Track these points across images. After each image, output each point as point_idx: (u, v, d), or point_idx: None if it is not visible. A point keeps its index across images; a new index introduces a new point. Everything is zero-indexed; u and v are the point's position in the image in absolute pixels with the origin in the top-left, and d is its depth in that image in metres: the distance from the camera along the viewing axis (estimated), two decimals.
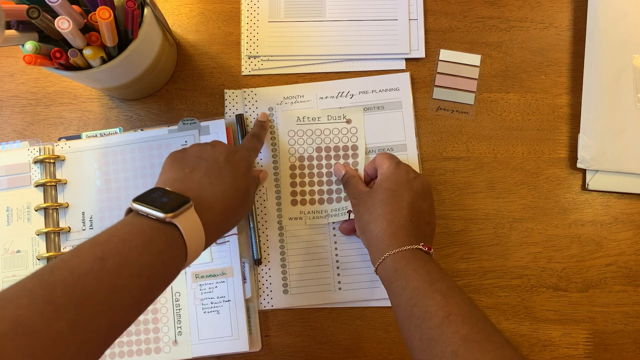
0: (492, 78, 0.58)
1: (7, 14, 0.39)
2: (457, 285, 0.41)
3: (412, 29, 0.58)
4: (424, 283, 0.40)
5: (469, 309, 0.38)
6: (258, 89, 0.57)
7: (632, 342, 0.53)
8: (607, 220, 0.55)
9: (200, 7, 0.59)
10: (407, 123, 0.56)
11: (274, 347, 0.53)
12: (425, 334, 0.38)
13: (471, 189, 0.56)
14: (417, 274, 0.41)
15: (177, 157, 0.44)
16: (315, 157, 0.56)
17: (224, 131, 0.54)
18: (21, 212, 0.53)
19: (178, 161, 0.43)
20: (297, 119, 0.56)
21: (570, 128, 0.57)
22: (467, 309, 0.38)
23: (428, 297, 0.39)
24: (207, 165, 0.43)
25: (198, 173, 0.42)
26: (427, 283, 0.40)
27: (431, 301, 0.39)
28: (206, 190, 0.40)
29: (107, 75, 0.47)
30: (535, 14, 0.59)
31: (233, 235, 0.53)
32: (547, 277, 0.54)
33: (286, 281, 0.54)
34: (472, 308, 0.39)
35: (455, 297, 0.39)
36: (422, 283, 0.40)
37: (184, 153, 0.45)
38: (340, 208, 0.54)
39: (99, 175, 0.54)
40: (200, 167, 0.42)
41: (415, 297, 0.40)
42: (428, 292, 0.39)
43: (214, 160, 0.43)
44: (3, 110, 0.57)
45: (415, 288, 0.40)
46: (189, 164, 0.43)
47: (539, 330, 0.53)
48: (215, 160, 0.43)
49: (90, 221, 0.53)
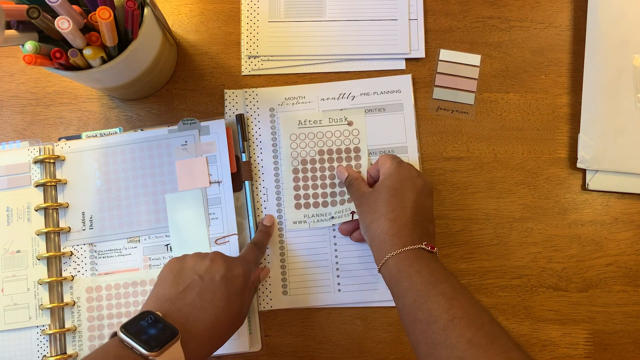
0: (492, 78, 0.58)
1: (7, 14, 0.39)
2: (462, 286, 0.40)
3: (412, 29, 0.58)
4: (427, 285, 0.40)
5: (474, 310, 0.38)
6: (259, 89, 0.57)
7: (632, 342, 0.53)
8: (607, 220, 0.55)
9: (200, 7, 0.59)
10: (408, 125, 0.56)
11: (274, 347, 0.53)
12: (430, 339, 0.37)
13: (471, 189, 0.56)
14: (420, 275, 0.41)
15: (173, 268, 0.44)
16: (318, 160, 0.56)
17: (224, 131, 0.54)
18: (21, 212, 0.53)
19: (174, 274, 0.44)
20: (298, 122, 0.56)
21: (570, 128, 0.57)
22: (472, 311, 0.38)
23: (432, 300, 0.39)
24: (201, 285, 0.43)
25: (191, 293, 0.42)
26: (430, 285, 0.40)
27: (435, 304, 0.38)
28: (196, 315, 0.41)
29: (107, 75, 0.47)
30: (535, 14, 0.59)
31: (233, 236, 0.53)
32: (547, 277, 0.54)
33: (285, 282, 0.54)
34: (477, 310, 0.38)
35: (460, 299, 0.38)
36: (425, 285, 0.40)
37: (182, 264, 0.45)
38: (344, 210, 0.54)
39: (99, 175, 0.54)
40: (195, 286, 0.42)
41: (419, 300, 0.39)
42: (432, 294, 0.39)
43: (210, 279, 0.43)
44: (3, 110, 0.57)
45: (418, 291, 0.40)
46: (184, 280, 0.43)
47: (539, 330, 0.53)
48: (211, 280, 0.43)
49: (90, 221, 0.53)
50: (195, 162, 0.54)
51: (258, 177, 0.55)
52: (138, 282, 0.52)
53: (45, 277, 0.52)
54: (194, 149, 0.54)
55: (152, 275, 0.53)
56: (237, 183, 0.55)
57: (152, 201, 0.53)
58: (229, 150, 0.54)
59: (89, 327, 0.52)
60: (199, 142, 0.54)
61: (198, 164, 0.54)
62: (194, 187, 0.54)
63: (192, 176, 0.54)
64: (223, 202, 0.53)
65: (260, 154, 0.56)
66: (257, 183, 0.55)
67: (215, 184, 0.54)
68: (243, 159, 0.55)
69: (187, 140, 0.54)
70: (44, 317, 0.51)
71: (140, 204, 0.54)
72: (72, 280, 0.52)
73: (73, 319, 0.52)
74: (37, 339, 0.51)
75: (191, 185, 0.54)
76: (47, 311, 0.51)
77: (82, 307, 0.52)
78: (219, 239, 0.53)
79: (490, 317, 0.38)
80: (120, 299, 0.52)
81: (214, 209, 0.53)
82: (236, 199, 0.54)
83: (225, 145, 0.54)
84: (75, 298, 0.52)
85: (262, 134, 0.56)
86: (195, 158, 0.54)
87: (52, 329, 0.51)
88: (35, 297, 0.52)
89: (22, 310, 0.51)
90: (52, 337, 0.51)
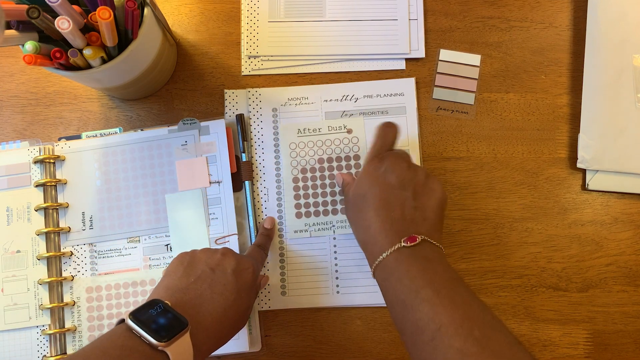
0: (492, 78, 0.58)
1: (7, 14, 0.39)
2: (446, 286, 0.37)
3: (412, 29, 0.58)
4: (409, 294, 0.37)
5: (460, 314, 0.35)
6: (262, 89, 0.57)
7: (632, 342, 0.53)
8: (607, 220, 0.55)
9: (200, 7, 0.59)
10: (410, 128, 0.56)
11: (274, 347, 0.53)
12: (421, 351, 0.36)
13: (471, 189, 0.56)
14: (401, 284, 0.38)
15: (184, 260, 0.43)
16: (318, 168, 0.56)
17: (224, 131, 0.54)
18: (21, 212, 0.53)
19: (185, 266, 0.43)
20: (297, 131, 0.56)
21: (570, 128, 0.57)
22: (459, 315, 0.35)
23: (415, 309, 0.36)
24: (212, 277, 0.42)
25: (202, 284, 0.41)
26: (412, 294, 0.37)
27: (419, 314, 0.36)
28: (206, 306, 0.40)
29: (107, 75, 0.47)
30: (535, 14, 0.59)
31: (233, 236, 0.53)
32: (547, 277, 0.54)
33: (284, 282, 0.54)
34: (464, 313, 0.35)
35: (444, 303, 0.36)
36: (407, 295, 0.37)
37: (192, 257, 0.44)
38: (346, 219, 0.54)
39: (98, 175, 0.54)
40: (205, 277, 0.42)
41: (404, 311, 0.37)
42: (415, 303, 0.37)
43: (221, 271, 0.42)
44: (3, 110, 0.57)
45: (401, 302, 0.38)
46: (195, 271, 0.42)
47: (539, 330, 0.53)
48: (223, 272, 0.42)
49: (90, 221, 0.53)
50: (195, 162, 0.54)
51: (259, 177, 0.55)
52: (138, 282, 0.52)
53: (45, 277, 0.52)
54: (194, 149, 0.54)
55: (152, 275, 0.53)
56: (237, 183, 0.54)
57: (152, 201, 0.53)
58: (229, 150, 0.54)
59: (89, 327, 0.52)
60: (199, 142, 0.54)
61: (198, 164, 0.54)
62: (194, 187, 0.54)
63: (192, 176, 0.54)
64: (223, 202, 0.53)
65: (262, 153, 0.56)
66: (257, 183, 0.55)
67: (215, 184, 0.54)
68: (243, 159, 0.55)
69: (187, 140, 0.54)
70: (44, 317, 0.51)
71: (140, 204, 0.54)
72: (72, 280, 0.52)
73: (73, 319, 0.52)
74: (37, 339, 0.51)
75: (191, 185, 0.54)
76: (47, 311, 0.51)
77: (82, 307, 0.52)
78: (219, 239, 0.53)
79: (480, 317, 0.36)
80: (120, 299, 0.52)
81: (214, 209, 0.53)
82: (236, 199, 0.54)
83: (225, 145, 0.54)
84: (75, 298, 0.52)
85: (264, 134, 0.56)
86: (195, 158, 0.54)
87: (52, 329, 0.51)
88: (35, 297, 0.52)
89: (22, 310, 0.52)
90: (52, 337, 0.51)
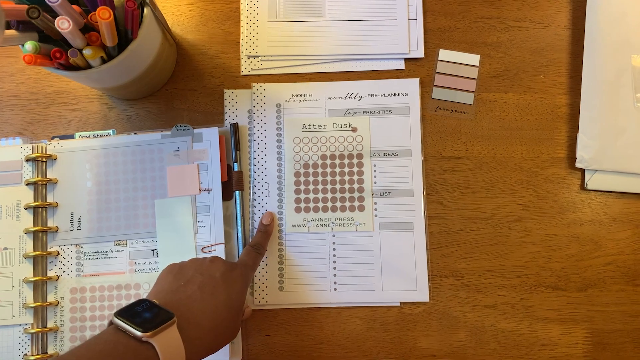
0: (491, 78, 0.58)
1: (7, 14, 0.39)
2: None
3: (411, 29, 0.58)
4: None
5: None
6: (267, 84, 0.57)
7: (630, 341, 0.53)
8: (606, 220, 0.55)
9: (200, 7, 0.59)
10: (413, 129, 0.56)
11: (274, 346, 0.53)
12: None
13: (470, 188, 0.56)
14: None
15: (173, 269, 0.44)
16: (320, 164, 0.56)
17: (217, 139, 0.54)
18: (10, 210, 0.53)
19: (173, 273, 0.43)
20: (302, 126, 0.56)
21: (569, 128, 0.57)
22: None
23: None
24: (201, 280, 0.42)
25: (192, 286, 0.42)
26: None
27: None
28: (197, 305, 0.40)
29: (107, 75, 0.47)
30: (534, 14, 0.59)
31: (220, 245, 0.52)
32: (546, 276, 0.54)
33: (282, 278, 0.54)
34: None
35: None
36: None
37: (180, 265, 0.45)
38: (345, 218, 0.54)
39: (89, 177, 0.54)
40: (195, 280, 0.42)
41: None
42: None
43: (209, 275, 0.43)
44: (3, 110, 0.57)
45: None
46: (184, 276, 0.43)
47: (538, 329, 0.53)
48: (211, 276, 0.43)
49: (78, 222, 0.53)
50: (187, 169, 0.54)
51: (259, 177, 0.55)
52: (123, 286, 0.52)
53: (30, 275, 0.52)
54: (186, 156, 0.54)
55: (137, 280, 0.52)
56: (227, 192, 0.54)
57: (141, 205, 0.53)
58: (221, 159, 0.54)
59: (71, 328, 0.51)
60: (191, 149, 0.54)
61: (189, 171, 0.54)
62: (184, 193, 0.53)
63: (183, 183, 0.53)
64: (212, 211, 0.53)
65: (264, 147, 0.56)
66: (257, 183, 0.55)
67: (205, 191, 0.53)
68: (235, 168, 0.55)
69: (179, 147, 0.54)
70: (27, 315, 0.51)
71: (129, 207, 0.53)
72: (57, 280, 0.52)
73: (56, 319, 0.52)
74: (19, 337, 0.51)
75: (181, 192, 0.53)
76: (30, 310, 0.51)
77: (66, 307, 0.52)
78: (205, 247, 0.53)
79: None
80: (104, 301, 0.52)
81: (203, 216, 0.53)
82: (225, 208, 0.54)
83: (217, 153, 0.54)
84: (59, 298, 0.52)
85: (267, 129, 0.56)
86: (187, 165, 0.54)
87: (35, 328, 0.51)
88: (19, 295, 0.52)
89: (5, 308, 0.51)
90: (34, 336, 0.51)
